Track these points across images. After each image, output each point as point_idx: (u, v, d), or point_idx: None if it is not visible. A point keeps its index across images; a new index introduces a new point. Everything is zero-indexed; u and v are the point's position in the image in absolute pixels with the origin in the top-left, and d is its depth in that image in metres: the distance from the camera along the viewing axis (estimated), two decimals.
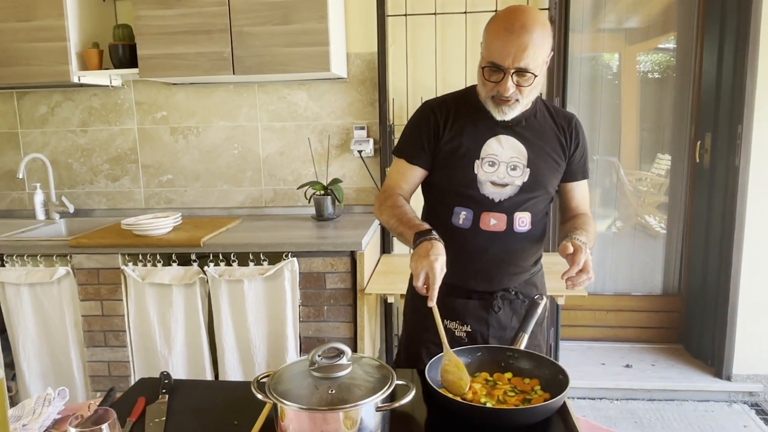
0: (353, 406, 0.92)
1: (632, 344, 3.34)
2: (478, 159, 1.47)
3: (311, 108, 2.90)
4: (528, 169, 1.47)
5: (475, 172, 1.47)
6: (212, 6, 2.45)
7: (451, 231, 1.49)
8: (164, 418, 1.23)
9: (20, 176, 2.83)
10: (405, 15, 2.77)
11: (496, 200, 1.47)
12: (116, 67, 2.66)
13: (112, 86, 2.94)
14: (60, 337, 2.52)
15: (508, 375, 1.26)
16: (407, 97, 2.83)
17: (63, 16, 2.53)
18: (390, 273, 2.58)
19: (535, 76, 1.34)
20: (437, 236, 1.33)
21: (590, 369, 3.08)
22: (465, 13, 2.74)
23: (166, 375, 1.41)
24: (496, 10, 2.71)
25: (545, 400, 1.13)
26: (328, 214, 2.73)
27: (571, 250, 1.34)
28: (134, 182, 3.09)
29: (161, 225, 2.45)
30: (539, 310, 1.44)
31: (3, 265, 2.48)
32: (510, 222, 1.49)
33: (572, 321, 3.37)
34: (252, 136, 2.96)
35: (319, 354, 0.99)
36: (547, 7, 2.69)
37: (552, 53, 1.41)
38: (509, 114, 1.43)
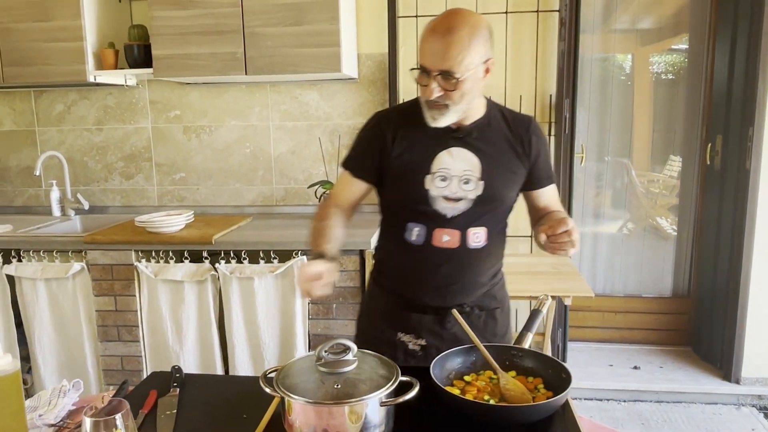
0: (358, 400, 0.94)
1: (640, 346, 3.34)
2: (429, 174, 1.40)
3: (322, 108, 2.93)
4: (482, 182, 1.41)
5: (427, 187, 1.40)
6: (225, 7, 2.49)
7: (405, 247, 1.46)
8: (175, 411, 1.27)
9: (37, 173, 2.89)
10: (416, 16, 2.79)
11: (449, 216, 1.41)
12: (131, 66, 2.71)
13: (127, 86, 2.99)
14: (74, 332, 2.57)
15: (512, 373, 1.28)
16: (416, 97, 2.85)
17: (80, 17, 2.58)
18: None
19: (458, 79, 1.27)
20: (325, 260, 1.31)
21: (597, 370, 3.09)
22: None
23: (177, 369, 1.44)
24: (506, 12, 2.74)
25: (548, 399, 1.14)
26: None
27: (545, 235, 1.30)
28: (148, 180, 3.14)
29: (174, 222, 2.49)
30: (544, 311, 1.45)
31: (20, 260, 2.54)
32: (463, 238, 1.43)
33: (580, 322, 3.38)
34: (264, 135, 3.00)
35: (325, 350, 1.02)
36: (557, 8, 2.70)
37: (491, 59, 1.34)
38: (441, 120, 1.35)
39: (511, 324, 1.65)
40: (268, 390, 1.01)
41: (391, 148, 1.43)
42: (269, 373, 1.05)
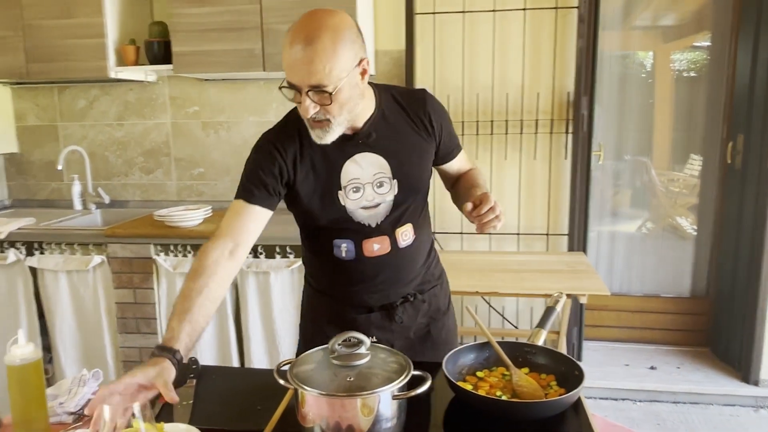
0: (370, 393, 0.96)
1: (657, 346, 3.31)
2: (341, 189, 1.32)
3: None
4: (395, 180, 1.35)
5: (342, 203, 1.33)
6: (244, 4, 2.51)
7: (336, 263, 1.40)
8: (192, 402, 1.29)
9: (59, 168, 2.94)
10: (433, 13, 2.79)
11: (373, 225, 1.36)
12: (151, 63, 2.75)
13: (147, 81, 3.03)
14: (94, 323, 2.62)
15: (525, 370, 1.28)
16: (434, 94, 2.85)
17: (101, 14, 2.62)
18: None
19: (331, 93, 1.16)
20: (169, 361, 1.11)
21: (613, 370, 3.07)
22: (493, 11, 2.75)
23: (194, 361, 1.47)
24: (524, 9, 2.72)
25: (560, 396, 1.14)
26: None
27: (471, 207, 1.27)
28: (167, 175, 3.18)
29: (192, 217, 2.53)
30: (558, 308, 1.45)
31: (42, 253, 2.59)
32: (393, 241, 1.38)
33: (597, 321, 3.36)
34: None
35: (338, 343, 1.03)
36: (576, 5, 2.68)
37: (365, 59, 1.22)
38: (327, 137, 1.24)
39: (450, 295, 1.61)
40: (282, 382, 1.03)
41: (293, 173, 1.32)
42: (283, 365, 1.06)
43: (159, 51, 2.71)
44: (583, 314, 3.09)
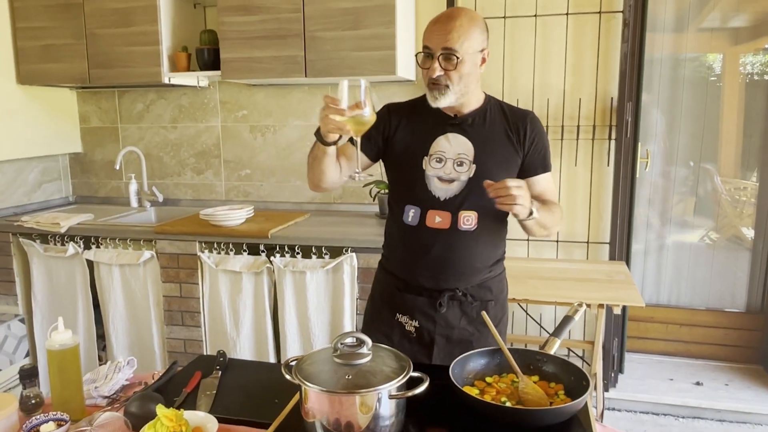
0: (367, 391, 0.99)
1: (706, 361, 3.18)
2: (427, 155, 1.53)
3: (379, 105, 2.99)
4: (474, 165, 1.52)
5: (423, 167, 1.53)
6: (288, 12, 2.60)
7: (403, 229, 1.58)
8: (215, 392, 1.37)
9: (117, 167, 3.13)
10: None
11: (442, 198, 1.53)
12: (202, 69, 2.88)
13: (199, 87, 3.18)
14: (143, 315, 2.77)
15: (535, 378, 1.28)
16: None
17: (157, 23, 2.78)
18: None
19: (459, 58, 1.42)
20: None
21: (656, 383, 2.97)
22: (535, 16, 2.73)
23: (221, 353, 1.55)
24: (567, 13, 2.69)
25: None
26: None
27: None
28: (216, 176, 3.32)
29: (235, 216, 2.64)
30: (576, 318, 1.45)
31: (98, 247, 2.77)
32: (454, 220, 1.53)
33: (642, 333, 3.26)
34: None
35: (342, 342, 1.08)
36: (620, 9, 2.63)
37: (486, 50, 1.49)
38: (441, 100, 1.47)
39: (506, 318, 1.70)
40: (288, 377, 1.08)
41: (394, 133, 1.58)
42: (291, 361, 1.12)
43: (209, 57, 2.84)
44: (626, 325, 3.02)
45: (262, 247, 2.57)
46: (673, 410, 2.84)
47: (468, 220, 1.53)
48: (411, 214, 1.56)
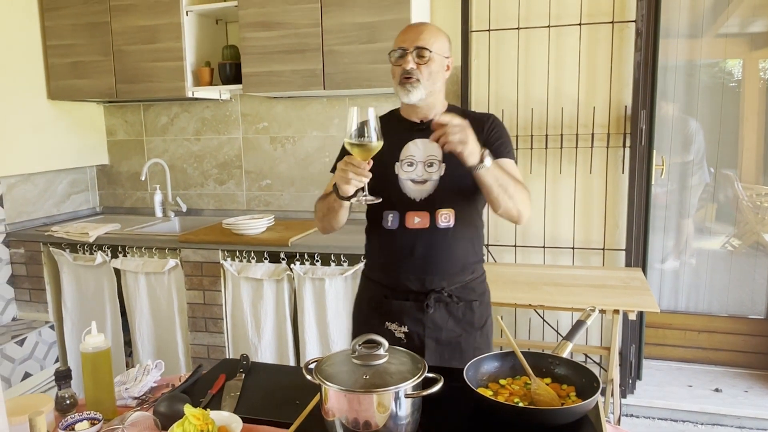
0: (384, 390, 1.05)
1: (725, 368, 3.17)
2: (398, 161, 1.61)
3: None
4: (443, 164, 1.59)
5: (396, 172, 1.61)
6: (307, 27, 2.68)
7: (383, 234, 1.64)
8: (239, 393, 1.43)
9: (143, 178, 3.24)
10: (488, 30, 2.85)
11: (418, 199, 1.59)
12: (224, 83, 2.98)
13: (221, 100, 3.28)
14: (168, 321, 2.85)
15: (547, 380, 1.32)
16: (489, 109, 2.90)
17: (180, 39, 2.88)
18: None
19: (430, 53, 1.54)
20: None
21: (675, 390, 2.97)
22: (548, 27, 2.77)
23: (245, 357, 1.61)
24: (580, 24, 2.73)
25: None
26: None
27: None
28: (238, 186, 3.41)
29: (256, 225, 2.71)
30: (589, 322, 1.48)
31: (125, 255, 2.87)
32: (432, 219, 1.59)
33: (660, 340, 3.26)
34: (341, 145, 3.16)
35: (359, 344, 1.13)
36: (633, 19, 2.66)
37: (451, 58, 1.63)
38: (413, 93, 1.56)
39: (492, 319, 1.73)
40: (309, 377, 1.13)
41: None
42: (311, 363, 1.17)
43: (231, 72, 2.93)
44: (643, 331, 3.02)
45: (282, 255, 2.64)
46: (691, 417, 2.83)
47: (446, 217, 1.60)
48: (390, 219, 1.62)
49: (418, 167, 1.60)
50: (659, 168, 3.00)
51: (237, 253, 2.72)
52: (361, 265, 2.50)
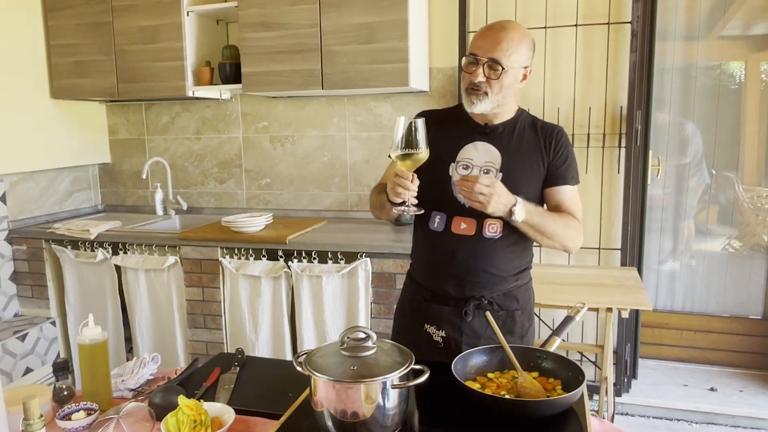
0: (371, 380, 1.07)
1: (721, 368, 3.18)
2: (454, 162, 1.57)
3: (395, 119, 3.08)
4: (501, 173, 1.54)
5: (450, 174, 1.57)
6: (306, 28, 2.71)
7: (429, 235, 1.61)
8: (233, 386, 1.46)
9: (144, 177, 3.27)
10: None
11: (468, 205, 1.50)
12: (224, 82, 3.01)
13: (221, 99, 3.31)
14: (168, 317, 2.89)
15: (535, 374, 1.35)
16: None
17: (181, 39, 2.91)
18: None
19: (503, 68, 1.46)
20: None
21: (670, 389, 2.99)
22: (545, 28, 2.80)
23: (240, 351, 1.64)
24: (576, 24, 2.76)
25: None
26: (405, 220, 2.88)
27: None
28: (238, 185, 3.44)
29: (254, 223, 2.74)
30: (577, 318, 1.51)
31: (125, 253, 2.90)
32: (479, 227, 1.55)
33: (656, 339, 3.28)
34: (340, 144, 3.20)
35: (348, 336, 1.16)
36: (629, 20, 2.68)
37: (530, 68, 1.53)
38: (478, 105, 1.51)
39: (533, 328, 1.70)
40: (299, 369, 1.16)
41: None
42: (301, 355, 1.20)
43: (231, 72, 2.96)
44: (638, 330, 3.04)
45: (280, 253, 2.67)
46: (686, 416, 2.85)
47: (493, 227, 1.56)
48: (437, 221, 1.59)
49: (474, 172, 1.55)
50: (655, 168, 3.02)
51: (235, 251, 2.75)
52: (359, 263, 2.53)
